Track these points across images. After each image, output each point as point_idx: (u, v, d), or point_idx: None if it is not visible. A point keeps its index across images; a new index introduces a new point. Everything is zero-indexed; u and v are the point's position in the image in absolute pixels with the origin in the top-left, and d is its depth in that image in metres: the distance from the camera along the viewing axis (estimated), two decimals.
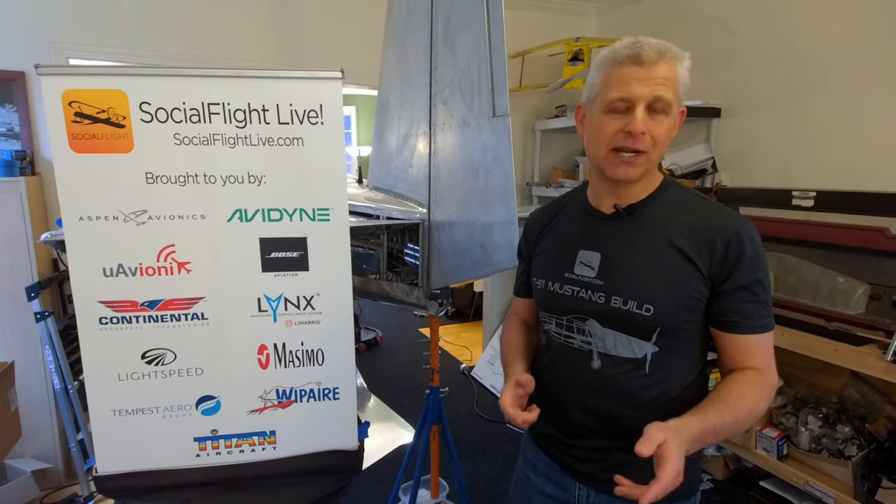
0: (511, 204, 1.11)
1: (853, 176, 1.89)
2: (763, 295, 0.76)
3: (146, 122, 1.05)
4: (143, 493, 1.21)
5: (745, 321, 0.76)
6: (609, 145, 0.76)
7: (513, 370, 0.88)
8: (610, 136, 0.76)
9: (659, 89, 0.72)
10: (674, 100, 0.74)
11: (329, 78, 1.10)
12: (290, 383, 1.23)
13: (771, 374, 0.78)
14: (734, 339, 0.77)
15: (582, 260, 0.84)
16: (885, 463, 1.59)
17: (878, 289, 1.69)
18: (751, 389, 0.75)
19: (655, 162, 0.78)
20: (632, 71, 0.73)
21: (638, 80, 0.72)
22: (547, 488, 0.93)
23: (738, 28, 2.30)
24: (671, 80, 0.73)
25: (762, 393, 0.75)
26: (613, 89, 0.74)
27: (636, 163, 0.76)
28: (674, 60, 0.73)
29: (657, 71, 0.72)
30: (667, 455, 0.65)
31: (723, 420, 0.72)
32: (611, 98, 0.75)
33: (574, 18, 3.05)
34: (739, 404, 0.73)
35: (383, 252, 1.64)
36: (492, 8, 1.10)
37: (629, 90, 0.73)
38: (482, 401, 2.92)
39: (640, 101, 0.73)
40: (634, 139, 0.74)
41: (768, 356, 0.78)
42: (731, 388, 0.75)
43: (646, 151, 0.75)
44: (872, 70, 1.84)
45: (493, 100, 1.12)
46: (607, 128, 0.76)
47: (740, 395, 0.74)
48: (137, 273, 1.10)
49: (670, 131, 0.77)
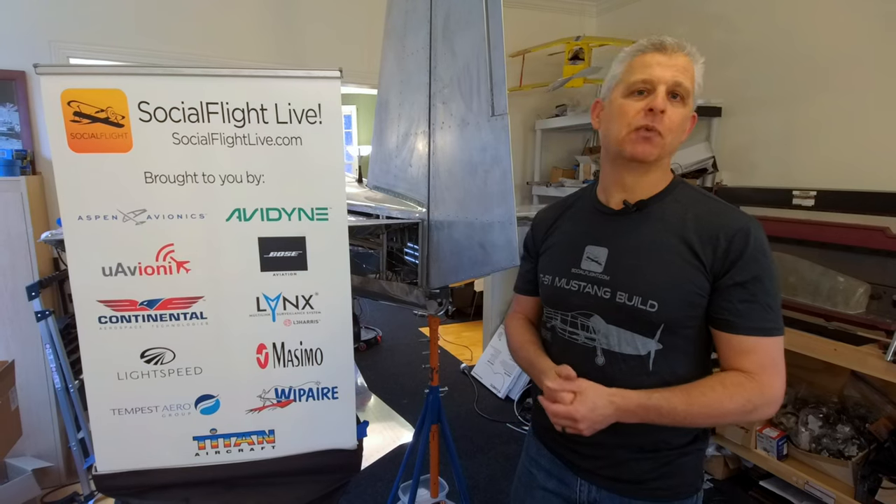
0: (510, 203, 1.10)
1: (853, 175, 1.88)
2: (762, 296, 0.74)
3: (145, 121, 1.05)
4: (142, 492, 1.21)
5: (740, 321, 0.75)
6: (630, 126, 0.78)
7: (544, 365, 0.86)
8: (631, 116, 0.78)
9: (679, 75, 0.76)
10: (691, 90, 0.77)
11: (327, 77, 1.10)
12: (288, 382, 1.23)
13: (764, 379, 0.73)
14: (728, 339, 0.76)
15: (589, 255, 0.85)
16: (885, 463, 1.58)
17: (879, 288, 1.69)
18: (723, 388, 0.73)
19: (669, 150, 0.80)
20: (655, 57, 0.77)
21: (660, 65, 0.76)
22: (549, 484, 0.94)
23: (738, 27, 2.29)
24: (689, 71, 0.77)
25: (737, 395, 0.73)
26: (637, 73, 0.78)
27: (655, 141, 0.77)
28: (692, 56, 0.78)
29: (678, 59, 0.77)
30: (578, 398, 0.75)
31: (671, 405, 0.73)
32: (633, 80, 0.78)
33: (574, 17, 3.05)
34: (700, 397, 0.73)
35: (383, 251, 1.64)
36: (490, 7, 1.09)
37: (652, 72, 0.76)
38: (482, 400, 2.92)
39: (662, 84, 0.76)
40: (655, 118, 0.76)
41: (765, 362, 0.74)
42: (703, 381, 0.76)
43: (663, 134, 0.77)
44: (873, 69, 1.83)
45: (492, 99, 1.11)
46: (629, 108, 0.78)
47: (707, 389, 0.74)
48: (136, 272, 1.10)
49: (684, 123, 0.79)
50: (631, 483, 0.83)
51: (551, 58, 2.83)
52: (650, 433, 0.81)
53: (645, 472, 0.83)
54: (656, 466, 0.82)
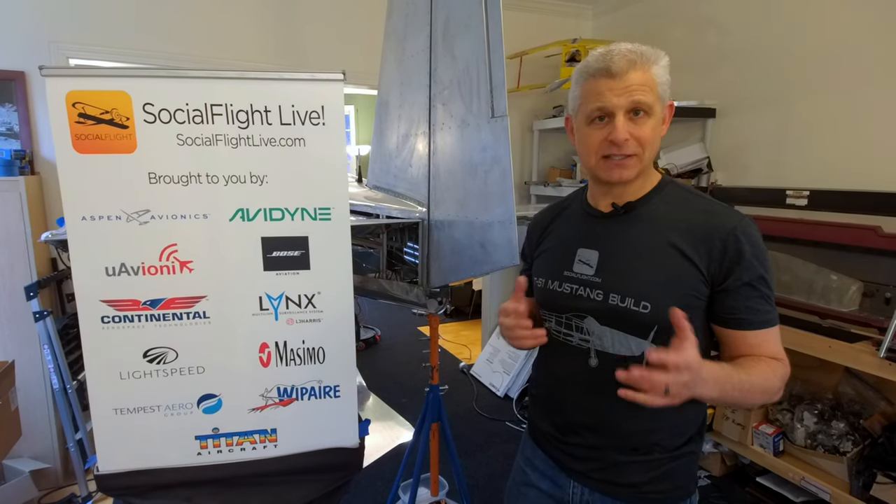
0: (509, 203, 1.12)
1: (846, 175, 1.91)
2: (766, 290, 0.76)
3: (149, 122, 1.05)
4: (144, 492, 1.21)
5: (753, 317, 0.76)
6: (597, 154, 0.79)
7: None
8: (596, 145, 0.78)
9: (635, 94, 0.74)
10: (654, 100, 0.75)
11: (331, 80, 1.11)
12: (291, 381, 1.24)
13: (784, 360, 0.77)
14: (743, 336, 0.77)
15: (581, 258, 0.86)
16: (879, 458, 1.61)
17: (871, 286, 1.71)
18: (764, 363, 0.75)
19: (648, 161, 0.80)
20: (605, 83, 0.74)
21: (612, 91, 0.74)
22: (542, 484, 0.94)
23: (732, 30, 2.32)
24: (647, 83, 0.74)
25: (778, 372, 0.74)
26: (591, 101, 0.77)
27: (627, 164, 0.77)
28: (646, 65, 0.74)
29: (629, 79, 0.73)
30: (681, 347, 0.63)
31: (739, 377, 0.70)
32: (589, 110, 0.77)
33: (571, 20, 3.08)
34: (753, 370, 0.73)
35: (383, 251, 1.65)
36: (490, 10, 1.11)
37: (605, 101, 0.75)
38: (481, 399, 2.93)
39: (618, 110, 0.75)
40: (619, 146, 0.76)
41: (778, 347, 0.77)
42: (742, 360, 0.76)
43: (635, 154, 0.77)
44: (864, 70, 1.86)
45: (492, 101, 1.13)
46: (592, 138, 0.78)
47: (753, 364, 0.74)
48: (140, 272, 1.11)
49: (656, 130, 0.78)
50: (623, 486, 0.83)
51: (548, 60, 2.85)
52: (645, 434, 0.81)
53: (637, 475, 0.83)
54: (648, 470, 0.82)
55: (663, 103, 0.78)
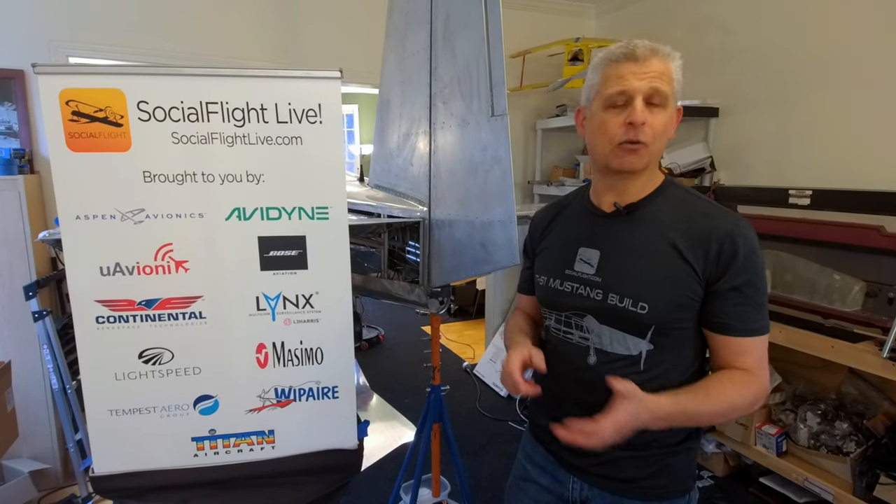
0: (510, 202, 1.11)
1: (849, 175, 1.90)
2: (755, 297, 0.76)
3: (144, 120, 1.04)
4: (140, 494, 1.20)
5: (737, 323, 0.76)
6: (613, 141, 0.78)
7: (521, 340, 0.88)
8: (613, 131, 0.78)
9: (655, 81, 0.75)
10: (670, 93, 0.77)
11: (328, 77, 1.10)
12: (288, 382, 1.23)
13: (761, 375, 0.77)
14: (725, 341, 0.78)
15: (582, 257, 0.86)
16: (882, 459, 1.60)
17: (874, 286, 1.70)
18: (734, 385, 0.76)
19: (656, 155, 0.80)
20: (628, 66, 0.76)
21: (634, 75, 0.76)
22: (542, 480, 0.94)
23: (735, 29, 2.30)
24: (666, 74, 0.76)
25: (746, 391, 0.76)
26: (612, 85, 0.77)
27: (640, 152, 0.78)
28: (666, 58, 0.77)
29: (652, 65, 0.75)
30: (616, 408, 0.71)
31: (697, 407, 0.74)
32: (609, 93, 0.77)
33: (574, 19, 3.06)
34: (719, 397, 0.75)
35: (384, 250, 1.64)
36: (490, 8, 1.10)
37: (627, 84, 0.76)
38: (484, 399, 2.92)
39: (638, 94, 0.75)
40: (636, 130, 0.76)
41: (759, 359, 0.78)
42: (714, 381, 0.77)
43: (647, 144, 0.77)
44: (867, 70, 1.85)
45: (492, 99, 1.12)
46: (609, 124, 0.78)
47: (721, 388, 0.76)
48: (135, 272, 1.10)
49: (668, 126, 0.78)
50: (622, 482, 0.84)
51: (551, 59, 2.83)
52: (643, 431, 0.80)
53: (635, 470, 0.83)
54: (647, 465, 0.83)
55: (676, 102, 0.79)
